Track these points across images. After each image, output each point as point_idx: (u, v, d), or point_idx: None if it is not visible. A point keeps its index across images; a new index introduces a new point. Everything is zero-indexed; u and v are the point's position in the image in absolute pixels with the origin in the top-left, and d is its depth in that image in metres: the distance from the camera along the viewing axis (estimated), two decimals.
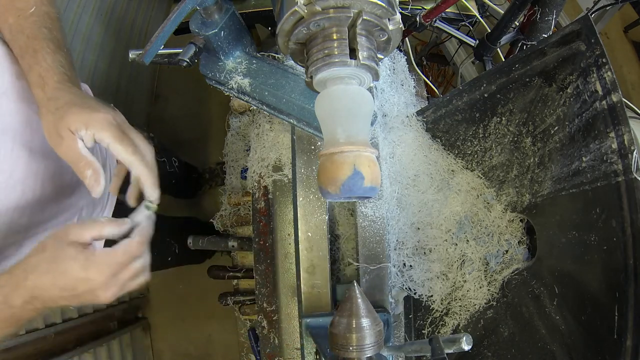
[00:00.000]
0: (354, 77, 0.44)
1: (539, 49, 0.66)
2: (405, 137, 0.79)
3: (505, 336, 0.73)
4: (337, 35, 0.42)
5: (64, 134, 0.51)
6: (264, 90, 0.66)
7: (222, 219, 1.06)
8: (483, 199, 0.79)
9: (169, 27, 0.55)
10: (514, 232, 0.76)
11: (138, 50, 0.63)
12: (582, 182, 0.62)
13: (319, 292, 0.71)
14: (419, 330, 0.82)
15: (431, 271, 0.78)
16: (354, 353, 0.52)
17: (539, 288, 0.70)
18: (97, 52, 1.55)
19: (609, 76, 0.58)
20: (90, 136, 0.51)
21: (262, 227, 0.85)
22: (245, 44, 0.68)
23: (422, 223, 0.79)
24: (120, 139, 0.52)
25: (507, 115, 0.74)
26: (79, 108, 0.52)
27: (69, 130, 0.51)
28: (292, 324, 0.80)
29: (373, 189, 0.41)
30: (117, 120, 0.54)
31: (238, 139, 1.04)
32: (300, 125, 0.67)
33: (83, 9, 1.42)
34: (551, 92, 0.68)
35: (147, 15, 1.86)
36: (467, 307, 0.78)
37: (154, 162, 0.57)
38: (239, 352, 1.14)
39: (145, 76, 2.04)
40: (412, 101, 0.88)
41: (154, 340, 1.98)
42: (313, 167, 0.72)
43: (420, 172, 0.79)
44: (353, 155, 0.40)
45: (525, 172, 0.73)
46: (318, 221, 0.71)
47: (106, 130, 0.51)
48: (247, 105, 0.93)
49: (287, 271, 0.80)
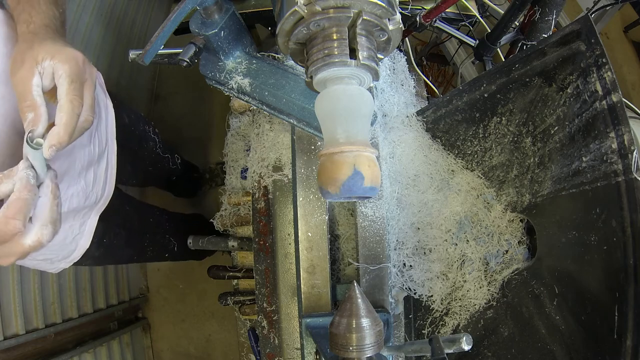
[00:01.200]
0: (354, 77, 0.44)
1: (539, 49, 0.66)
2: (405, 137, 0.79)
3: (505, 336, 0.73)
4: (337, 35, 0.42)
5: (26, 62, 0.49)
6: (264, 90, 0.66)
7: (222, 219, 1.06)
8: (483, 199, 0.79)
9: (169, 27, 0.55)
10: (514, 232, 0.76)
11: (138, 50, 0.63)
12: (582, 182, 0.62)
13: (319, 292, 0.71)
14: (419, 330, 0.82)
15: (431, 271, 0.78)
16: (354, 353, 0.52)
17: (539, 288, 0.69)
18: (97, 52, 1.55)
19: (609, 76, 0.58)
20: (50, 70, 0.49)
21: (262, 227, 0.85)
22: (245, 44, 0.68)
23: (422, 223, 0.79)
24: (73, 80, 0.50)
25: (507, 115, 0.74)
26: (52, 42, 0.51)
27: (33, 59, 0.49)
28: (292, 324, 0.80)
29: (373, 189, 0.41)
30: (84, 66, 0.52)
31: (238, 139, 1.04)
32: (300, 125, 0.67)
33: (83, 9, 1.42)
34: (551, 92, 0.68)
35: (147, 15, 1.86)
36: (467, 307, 0.78)
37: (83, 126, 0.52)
38: (239, 352, 1.14)
39: (145, 76, 2.04)
40: (412, 101, 0.88)
41: (154, 340, 1.98)
42: (313, 167, 0.72)
43: (420, 172, 0.79)
44: (353, 155, 0.40)
45: (525, 172, 0.73)
46: (318, 221, 0.71)
47: (66, 64, 0.50)
48: (247, 105, 0.93)
49: (287, 271, 0.80)
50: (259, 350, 0.88)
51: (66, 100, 0.49)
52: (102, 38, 1.56)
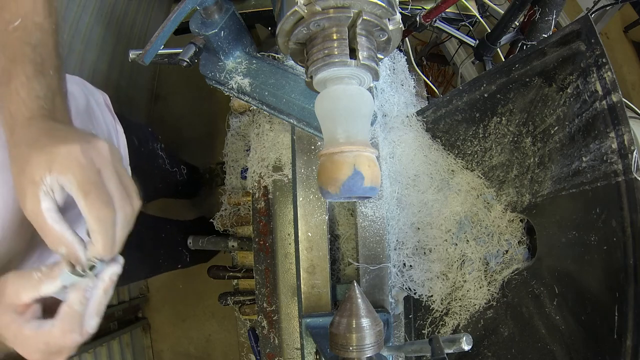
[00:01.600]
0: (354, 77, 0.44)
1: (539, 49, 0.66)
2: (405, 137, 0.79)
3: (505, 336, 0.73)
4: (337, 35, 0.42)
5: (27, 191, 0.39)
6: (264, 90, 0.66)
7: (222, 219, 1.06)
8: (483, 199, 0.79)
9: (169, 27, 0.55)
10: (514, 232, 0.76)
11: (138, 50, 0.63)
12: (582, 182, 0.62)
13: (319, 292, 0.71)
14: (419, 330, 0.82)
15: (431, 271, 0.78)
16: (354, 353, 0.52)
17: (539, 288, 0.69)
18: (97, 52, 1.55)
19: (609, 76, 0.58)
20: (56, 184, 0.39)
21: (262, 227, 0.85)
22: (245, 44, 0.68)
23: (422, 223, 0.79)
24: (87, 190, 0.39)
25: (507, 115, 0.74)
26: (40, 148, 0.39)
27: (30, 183, 0.39)
28: (292, 324, 0.80)
29: (373, 189, 0.41)
30: (88, 156, 0.40)
31: (238, 139, 1.04)
32: (300, 125, 0.67)
33: (83, 9, 1.42)
34: (551, 92, 0.68)
35: (147, 15, 1.86)
36: (467, 307, 0.78)
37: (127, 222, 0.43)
38: (239, 352, 1.14)
39: (145, 76, 2.04)
40: (412, 101, 0.88)
41: (154, 340, 1.98)
42: (313, 167, 0.72)
43: (420, 172, 0.79)
44: (353, 156, 0.40)
45: (525, 172, 0.73)
46: (318, 221, 0.71)
47: (68, 173, 0.39)
48: (247, 105, 0.93)
49: (287, 271, 0.80)
50: (259, 350, 0.88)
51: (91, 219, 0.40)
52: (102, 38, 1.56)
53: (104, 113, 0.83)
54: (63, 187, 0.40)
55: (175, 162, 1.35)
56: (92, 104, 0.79)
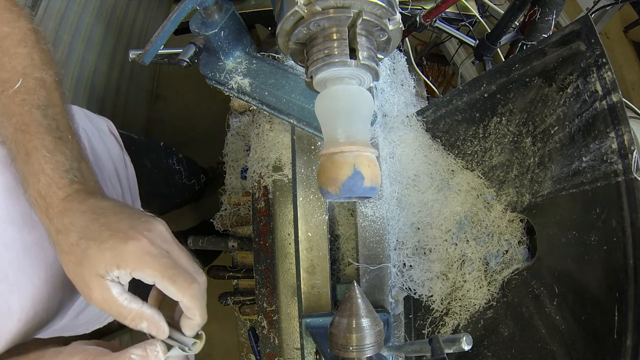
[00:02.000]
0: (354, 77, 0.44)
1: (539, 49, 0.66)
2: (405, 137, 0.79)
3: (505, 336, 0.73)
4: (337, 35, 0.42)
5: (91, 284, 0.39)
6: (264, 90, 0.66)
7: (222, 219, 1.06)
8: (483, 199, 0.79)
9: (169, 27, 0.55)
10: (514, 232, 0.76)
11: (138, 50, 0.63)
12: (582, 182, 0.62)
13: (319, 292, 0.71)
14: (419, 330, 0.82)
15: (431, 271, 0.78)
16: (354, 353, 0.52)
17: (539, 288, 0.69)
18: (97, 52, 1.55)
19: (609, 76, 0.58)
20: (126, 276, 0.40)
21: (262, 227, 0.85)
22: (245, 44, 0.68)
23: (422, 223, 0.79)
24: (172, 275, 0.40)
25: (507, 115, 0.74)
26: (98, 243, 0.39)
27: (94, 276, 0.39)
28: (292, 324, 0.80)
29: (373, 189, 0.41)
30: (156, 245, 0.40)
31: (238, 139, 1.04)
32: (300, 125, 0.67)
33: (83, 9, 1.42)
34: (551, 92, 0.68)
35: (147, 15, 1.86)
36: (467, 307, 0.78)
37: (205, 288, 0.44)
38: (239, 352, 1.14)
39: (145, 76, 2.04)
40: (412, 101, 0.88)
41: None
42: (313, 167, 0.72)
43: (420, 172, 0.79)
44: (353, 156, 0.40)
45: (525, 172, 0.73)
46: (318, 221, 0.71)
47: (146, 268, 0.39)
48: (247, 105, 0.93)
49: (287, 271, 0.80)
50: (259, 350, 0.88)
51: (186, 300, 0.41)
52: (102, 38, 1.56)
53: (109, 143, 0.79)
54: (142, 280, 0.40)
55: (194, 172, 1.31)
56: (94, 140, 0.75)
